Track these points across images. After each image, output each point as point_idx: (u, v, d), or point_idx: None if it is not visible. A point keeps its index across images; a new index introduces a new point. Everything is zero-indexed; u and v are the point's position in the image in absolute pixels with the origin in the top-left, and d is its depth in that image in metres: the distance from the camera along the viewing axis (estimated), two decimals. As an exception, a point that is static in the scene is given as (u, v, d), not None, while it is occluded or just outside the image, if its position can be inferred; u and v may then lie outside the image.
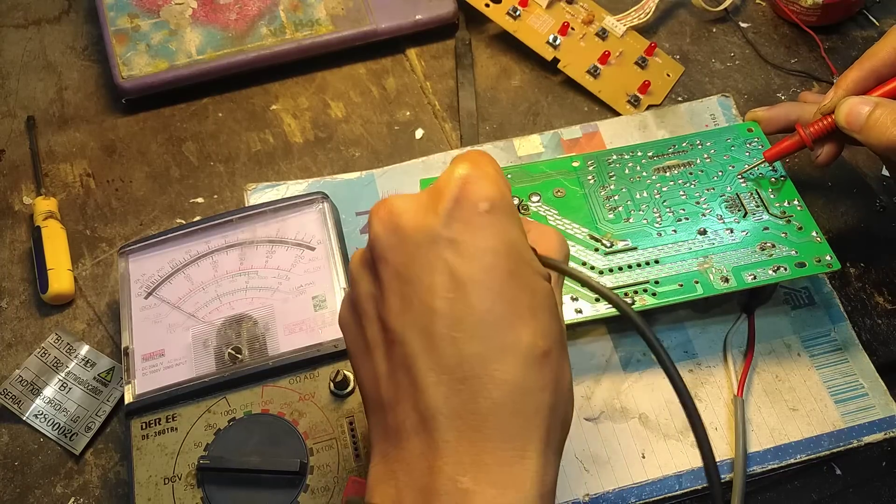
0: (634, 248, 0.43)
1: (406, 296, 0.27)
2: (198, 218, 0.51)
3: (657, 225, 0.44)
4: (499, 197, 0.28)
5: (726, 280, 0.42)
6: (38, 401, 0.44)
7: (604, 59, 0.56)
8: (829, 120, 0.43)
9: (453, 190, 0.27)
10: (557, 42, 0.56)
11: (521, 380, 0.26)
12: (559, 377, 0.28)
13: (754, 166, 0.45)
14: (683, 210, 0.45)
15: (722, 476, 0.41)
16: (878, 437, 0.42)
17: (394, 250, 0.28)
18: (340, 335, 0.42)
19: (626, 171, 0.46)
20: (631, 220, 0.44)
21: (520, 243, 0.28)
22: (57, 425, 0.44)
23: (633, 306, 0.41)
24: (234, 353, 0.43)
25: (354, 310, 0.30)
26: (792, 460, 0.41)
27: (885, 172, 0.53)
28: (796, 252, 0.42)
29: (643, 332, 0.28)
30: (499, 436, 0.26)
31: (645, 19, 0.58)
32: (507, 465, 0.26)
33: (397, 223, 0.28)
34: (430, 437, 0.26)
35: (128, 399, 0.42)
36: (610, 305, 0.41)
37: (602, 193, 0.45)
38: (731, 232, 0.43)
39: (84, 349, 0.46)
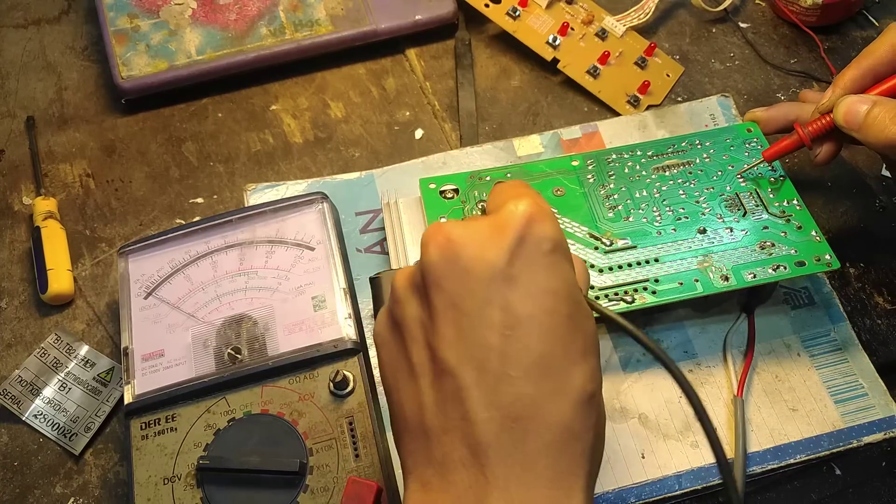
0: (634, 247, 0.43)
1: (461, 327, 0.27)
2: (197, 218, 0.51)
3: (657, 224, 0.44)
4: (560, 238, 0.28)
5: (726, 278, 0.42)
6: (37, 401, 0.44)
7: (603, 59, 0.56)
8: (828, 119, 0.43)
9: (518, 227, 0.27)
10: (557, 42, 0.56)
11: (570, 423, 0.27)
12: (599, 418, 0.28)
13: (753, 166, 0.45)
14: (683, 209, 0.44)
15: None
16: (878, 437, 0.42)
17: (451, 280, 0.28)
18: (340, 335, 0.42)
19: (626, 171, 0.46)
20: (631, 219, 0.44)
21: (575, 286, 0.29)
22: (56, 425, 0.44)
23: (633, 304, 0.41)
24: (233, 353, 0.43)
25: (397, 330, 0.30)
26: (792, 460, 0.41)
27: (885, 172, 0.53)
28: (796, 251, 0.42)
29: (674, 372, 0.29)
30: (549, 475, 0.26)
31: (644, 19, 0.58)
32: None
33: (458, 253, 0.28)
34: (481, 472, 0.26)
35: (127, 399, 0.42)
36: (609, 304, 0.41)
37: (602, 192, 0.45)
38: (731, 231, 0.43)
39: (84, 349, 0.46)
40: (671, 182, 0.46)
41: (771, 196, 0.45)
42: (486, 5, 0.57)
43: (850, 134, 0.41)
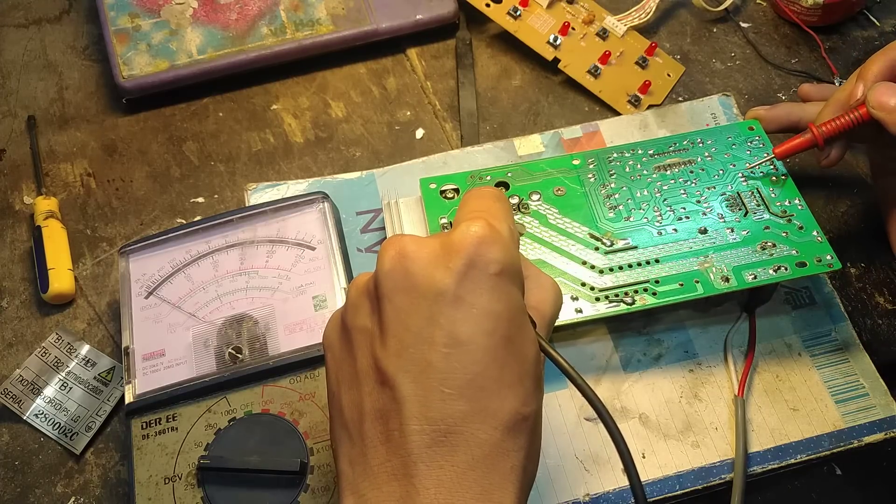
0: (635, 247, 0.43)
1: (404, 341, 0.28)
2: (198, 218, 0.51)
3: (658, 224, 0.44)
4: (509, 262, 0.29)
5: (727, 280, 0.42)
6: (38, 400, 0.44)
7: (604, 58, 0.56)
8: (843, 120, 0.42)
9: (468, 250, 0.28)
10: (558, 42, 0.56)
11: (499, 442, 0.28)
12: (533, 439, 0.29)
13: (762, 162, 0.45)
14: (684, 209, 0.44)
15: (722, 476, 0.41)
16: (879, 437, 0.42)
17: (400, 294, 0.29)
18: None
19: (627, 170, 0.46)
20: (631, 219, 0.44)
21: (520, 310, 0.29)
22: (57, 425, 0.44)
23: (634, 306, 0.41)
24: (234, 352, 0.43)
25: (346, 335, 0.31)
26: (792, 460, 0.41)
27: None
28: (797, 252, 0.42)
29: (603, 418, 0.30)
30: (477, 489, 0.27)
31: (645, 19, 0.58)
32: None
33: (408, 269, 0.29)
34: (411, 484, 0.27)
35: (128, 399, 0.42)
36: (609, 306, 0.41)
37: (602, 192, 0.45)
38: (732, 231, 0.43)
39: (84, 349, 0.46)
40: (672, 181, 0.46)
41: (773, 195, 0.45)
42: (487, 5, 0.57)
43: (883, 121, 0.40)
